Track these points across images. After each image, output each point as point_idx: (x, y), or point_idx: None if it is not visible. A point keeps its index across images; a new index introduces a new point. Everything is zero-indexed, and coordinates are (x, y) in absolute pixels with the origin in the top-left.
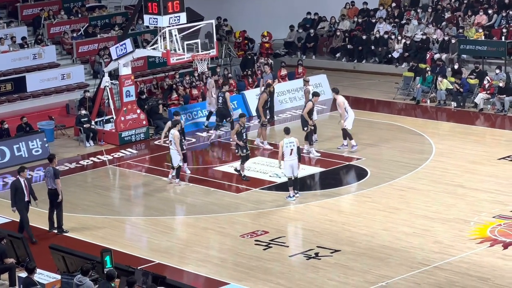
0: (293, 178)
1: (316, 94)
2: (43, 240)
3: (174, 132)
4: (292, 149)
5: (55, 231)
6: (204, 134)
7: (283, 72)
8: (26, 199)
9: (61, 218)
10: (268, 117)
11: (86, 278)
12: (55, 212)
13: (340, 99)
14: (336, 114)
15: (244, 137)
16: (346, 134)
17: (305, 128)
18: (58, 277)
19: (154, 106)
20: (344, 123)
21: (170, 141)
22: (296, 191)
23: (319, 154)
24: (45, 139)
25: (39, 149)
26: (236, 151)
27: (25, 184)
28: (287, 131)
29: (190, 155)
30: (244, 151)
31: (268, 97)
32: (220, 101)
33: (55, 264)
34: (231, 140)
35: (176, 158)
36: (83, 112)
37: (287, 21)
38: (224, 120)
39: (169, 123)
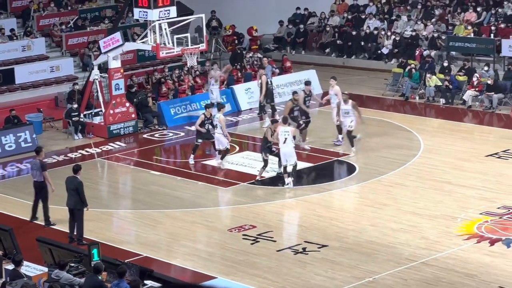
0: (288, 166)
1: (307, 83)
2: (30, 232)
3: (220, 116)
4: (286, 138)
5: (40, 222)
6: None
7: (288, 63)
8: None
9: (47, 210)
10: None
11: (63, 272)
12: (40, 205)
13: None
14: (327, 110)
15: (295, 114)
16: (340, 129)
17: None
18: (45, 269)
19: (143, 100)
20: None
21: (216, 125)
22: (291, 178)
23: (309, 148)
24: (33, 132)
25: (28, 141)
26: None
27: None
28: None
29: (179, 149)
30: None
31: (293, 105)
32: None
33: (42, 256)
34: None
35: (223, 141)
36: (75, 106)
37: (277, 16)
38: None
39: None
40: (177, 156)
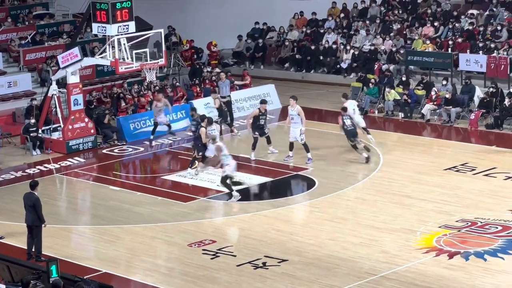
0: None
1: (263, 102)
2: None
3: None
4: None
5: None
6: (153, 143)
7: (247, 78)
8: None
9: None
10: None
11: None
12: None
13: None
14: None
15: (261, 122)
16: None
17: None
18: (3, 287)
19: (100, 116)
20: None
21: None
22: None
23: (277, 151)
24: None
25: None
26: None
27: None
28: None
29: (139, 164)
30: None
31: (259, 113)
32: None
33: None
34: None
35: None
36: (32, 121)
37: (235, 30)
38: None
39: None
40: (137, 171)
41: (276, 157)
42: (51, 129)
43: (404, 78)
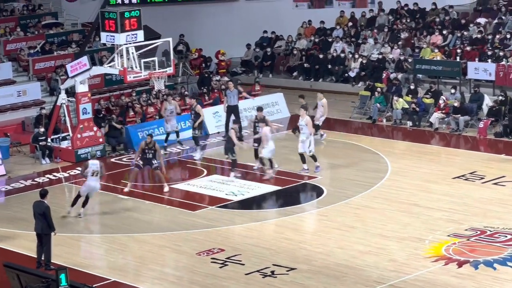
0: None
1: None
2: None
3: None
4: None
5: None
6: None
7: (257, 87)
8: None
9: None
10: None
11: None
12: None
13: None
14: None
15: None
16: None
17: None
18: None
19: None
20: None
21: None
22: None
23: (277, 166)
24: (0, 156)
25: None
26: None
27: None
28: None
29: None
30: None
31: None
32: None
33: (9, 282)
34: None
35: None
36: (42, 130)
37: (244, 39)
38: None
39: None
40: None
41: (286, 166)
42: (60, 138)
43: (412, 87)
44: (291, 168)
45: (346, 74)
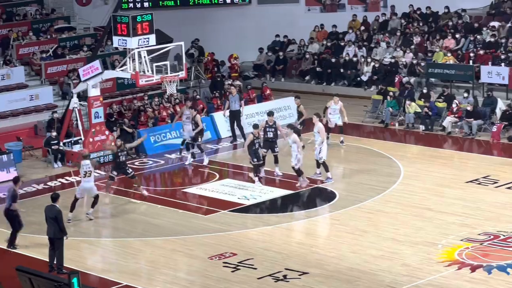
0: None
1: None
2: (10, 261)
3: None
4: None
5: (21, 251)
6: (173, 156)
7: (268, 91)
8: None
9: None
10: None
11: None
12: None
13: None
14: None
15: (256, 146)
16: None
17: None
18: None
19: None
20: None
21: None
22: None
23: (281, 174)
24: (13, 160)
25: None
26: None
27: None
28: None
29: (159, 177)
30: (255, 160)
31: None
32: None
33: (21, 286)
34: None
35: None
36: (54, 134)
37: (256, 43)
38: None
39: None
40: (157, 184)
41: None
42: (72, 141)
43: (425, 91)
44: (306, 173)
45: (359, 78)
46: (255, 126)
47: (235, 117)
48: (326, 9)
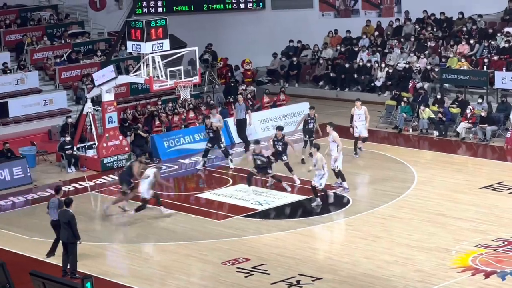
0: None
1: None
2: (24, 266)
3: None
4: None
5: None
6: (187, 161)
7: (266, 99)
8: None
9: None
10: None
11: None
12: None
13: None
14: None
15: (258, 162)
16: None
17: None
18: None
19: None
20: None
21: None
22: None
23: (299, 182)
24: (27, 165)
25: (21, 174)
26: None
27: None
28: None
29: (173, 182)
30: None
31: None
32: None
33: None
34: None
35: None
36: (68, 138)
37: (270, 48)
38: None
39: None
40: (171, 189)
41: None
42: (86, 146)
43: (439, 96)
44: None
45: (372, 84)
46: (257, 142)
47: (240, 126)
48: (340, 15)
